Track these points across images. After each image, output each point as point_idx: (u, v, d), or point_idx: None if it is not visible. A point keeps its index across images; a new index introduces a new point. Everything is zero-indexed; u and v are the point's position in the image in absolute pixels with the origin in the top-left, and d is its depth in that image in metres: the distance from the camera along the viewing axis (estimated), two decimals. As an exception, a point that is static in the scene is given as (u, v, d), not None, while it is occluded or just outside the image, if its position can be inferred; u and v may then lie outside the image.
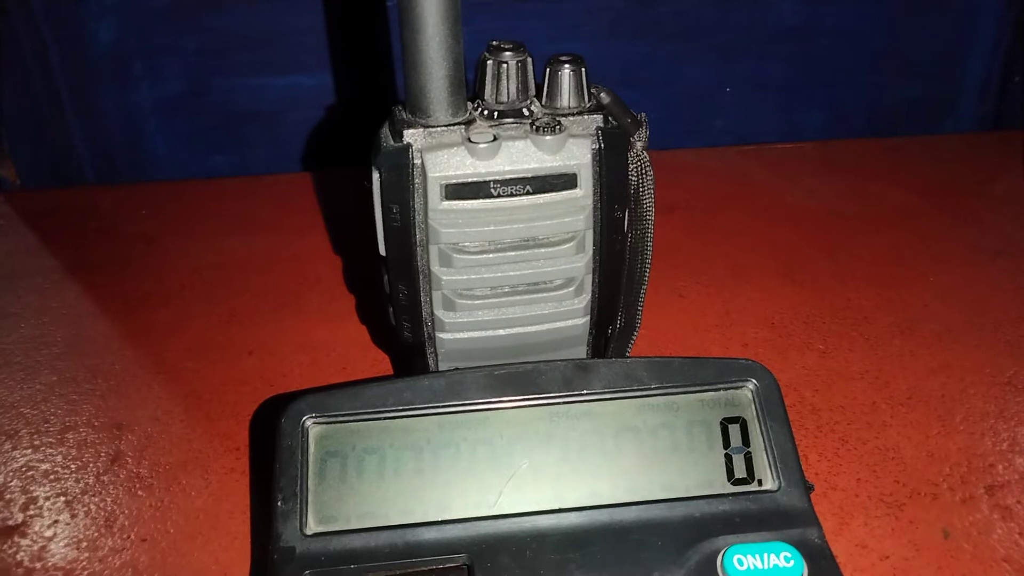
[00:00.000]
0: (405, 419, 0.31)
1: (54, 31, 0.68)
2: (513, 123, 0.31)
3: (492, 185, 0.30)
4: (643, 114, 0.34)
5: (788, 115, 0.79)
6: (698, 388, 0.33)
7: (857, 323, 0.48)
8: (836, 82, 0.77)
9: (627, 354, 0.38)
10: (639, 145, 0.33)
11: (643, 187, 0.34)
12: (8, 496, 0.38)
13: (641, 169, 0.34)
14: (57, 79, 0.70)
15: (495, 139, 0.30)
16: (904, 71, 0.77)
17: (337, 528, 0.30)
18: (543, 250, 0.32)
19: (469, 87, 0.32)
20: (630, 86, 0.75)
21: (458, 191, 0.30)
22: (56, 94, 0.70)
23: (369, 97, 0.73)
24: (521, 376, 0.32)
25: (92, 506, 0.38)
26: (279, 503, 0.30)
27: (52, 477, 0.39)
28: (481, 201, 0.30)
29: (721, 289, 0.52)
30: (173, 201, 0.65)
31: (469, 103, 0.31)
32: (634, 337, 0.37)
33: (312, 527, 0.30)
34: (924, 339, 0.47)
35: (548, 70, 0.31)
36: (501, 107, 0.31)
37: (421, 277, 0.32)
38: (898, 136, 0.75)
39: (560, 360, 0.33)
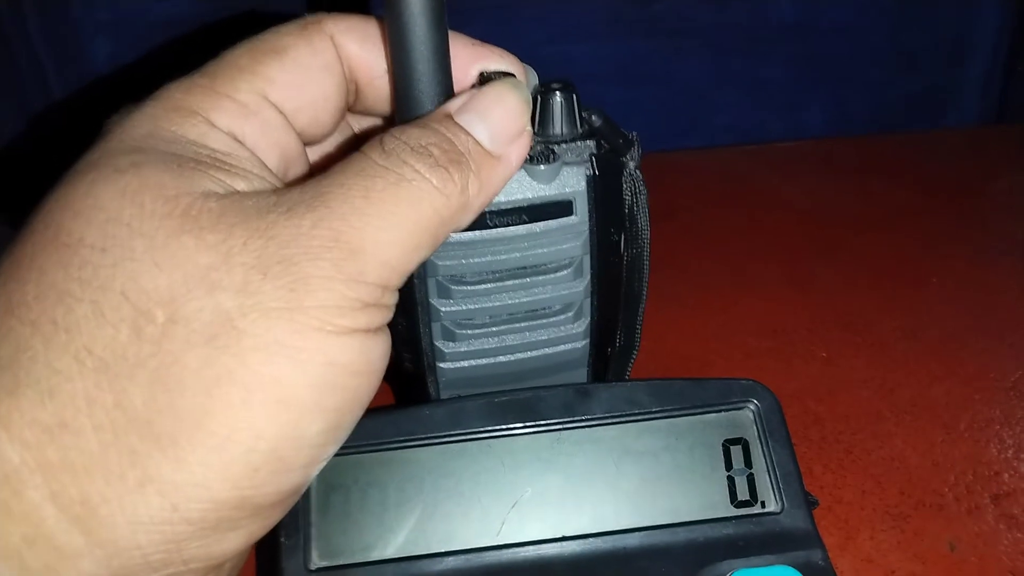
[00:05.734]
0: (406, 450, 0.32)
1: (52, 50, 0.68)
2: None
3: (488, 216, 0.30)
4: (634, 133, 0.34)
5: (789, 112, 0.78)
6: (699, 410, 0.33)
7: (860, 329, 0.48)
8: (837, 78, 0.77)
9: (628, 374, 0.38)
10: (632, 165, 0.33)
11: (637, 206, 0.34)
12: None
13: (635, 188, 0.34)
14: (56, 100, 0.70)
15: (488, 169, 0.30)
16: (906, 65, 0.77)
17: (341, 562, 0.30)
18: (541, 277, 0.32)
19: None
20: (628, 85, 0.75)
21: (453, 222, 0.30)
22: (55, 115, 0.70)
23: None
24: (521, 403, 0.32)
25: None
26: (282, 538, 0.30)
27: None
28: (477, 232, 0.30)
29: (723, 296, 0.52)
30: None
31: None
32: (634, 356, 0.37)
33: (316, 562, 0.30)
34: (929, 344, 0.47)
35: (539, 98, 0.30)
36: (494, 137, 0.31)
37: (420, 309, 0.32)
38: (901, 131, 0.74)
39: (560, 386, 0.33)
